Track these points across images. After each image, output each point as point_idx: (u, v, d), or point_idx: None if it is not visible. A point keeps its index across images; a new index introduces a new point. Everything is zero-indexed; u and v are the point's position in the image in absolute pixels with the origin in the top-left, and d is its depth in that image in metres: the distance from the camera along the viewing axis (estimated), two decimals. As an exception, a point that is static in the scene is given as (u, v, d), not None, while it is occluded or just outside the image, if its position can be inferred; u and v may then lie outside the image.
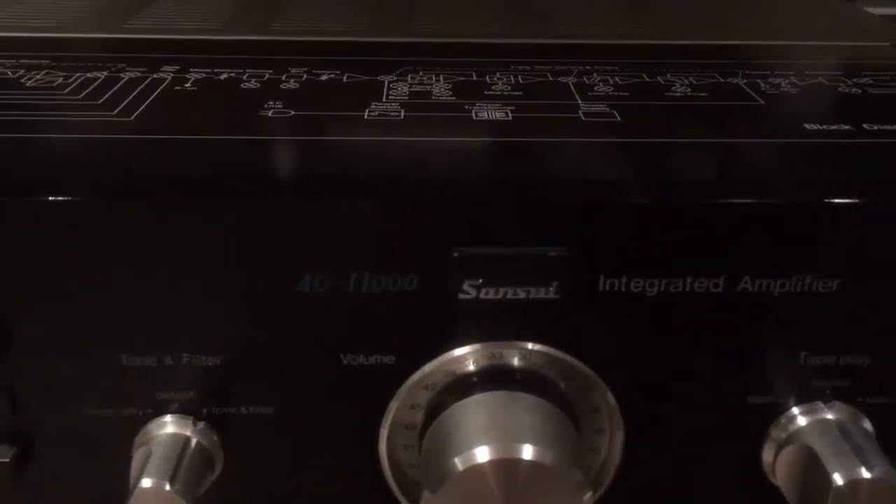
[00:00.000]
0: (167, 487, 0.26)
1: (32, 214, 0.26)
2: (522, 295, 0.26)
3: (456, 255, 0.26)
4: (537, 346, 0.27)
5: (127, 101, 0.34)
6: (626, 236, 0.26)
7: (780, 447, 0.28)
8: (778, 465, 0.28)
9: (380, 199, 0.26)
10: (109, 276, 0.26)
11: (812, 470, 0.27)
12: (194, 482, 0.27)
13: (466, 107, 0.34)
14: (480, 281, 0.26)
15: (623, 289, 0.26)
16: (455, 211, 0.26)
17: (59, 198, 0.26)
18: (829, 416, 0.28)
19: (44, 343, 0.27)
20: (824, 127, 0.32)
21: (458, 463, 0.25)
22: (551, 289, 0.26)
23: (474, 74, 0.39)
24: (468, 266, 0.26)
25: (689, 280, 0.26)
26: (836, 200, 0.26)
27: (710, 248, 0.26)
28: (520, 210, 0.26)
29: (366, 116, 0.33)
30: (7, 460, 0.28)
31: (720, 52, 0.43)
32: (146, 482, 0.26)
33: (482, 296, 0.26)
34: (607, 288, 0.26)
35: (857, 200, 0.26)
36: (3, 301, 0.26)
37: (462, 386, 0.28)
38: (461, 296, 0.26)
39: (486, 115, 0.33)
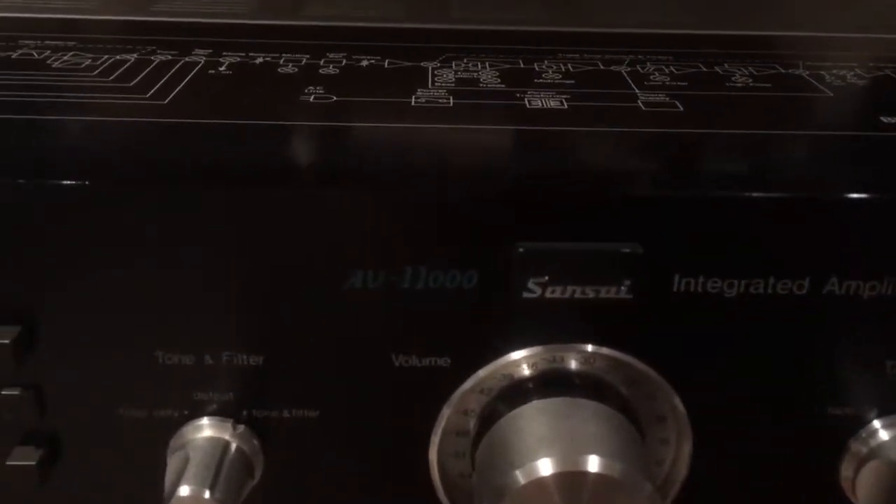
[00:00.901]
0: (206, 496, 0.24)
1: (62, 202, 0.24)
2: (591, 294, 0.24)
3: (521, 250, 0.24)
4: (602, 350, 0.26)
5: (160, 84, 0.32)
6: (703, 233, 0.24)
7: (861, 463, 0.26)
8: (859, 482, 0.26)
9: (439, 190, 0.24)
10: (144, 268, 0.24)
11: (897, 487, 0.25)
12: (234, 490, 0.25)
13: (518, 94, 0.32)
14: (546, 279, 0.24)
15: (699, 289, 0.24)
16: (520, 203, 0.24)
17: (92, 183, 0.24)
18: (915, 430, 0.26)
19: (74, 340, 0.25)
20: (902, 120, 0.30)
21: (520, 476, 0.23)
22: (623, 288, 0.24)
23: (521, 62, 0.37)
24: (533, 262, 0.24)
25: (771, 281, 0.24)
26: (933, 196, 0.24)
27: (794, 247, 0.24)
28: (590, 203, 0.24)
29: (413, 103, 0.31)
30: (33, 463, 0.26)
31: (776, 43, 0.41)
32: (184, 490, 0.24)
33: (548, 295, 0.24)
34: (682, 288, 0.24)
35: (953, 197, 0.24)
36: (30, 295, 0.25)
37: (519, 391, 0.26)
38: (525, 294, 0.24)
39: (540, 104, 0.31)
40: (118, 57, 0.36)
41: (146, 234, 0.24)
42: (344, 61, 0.36)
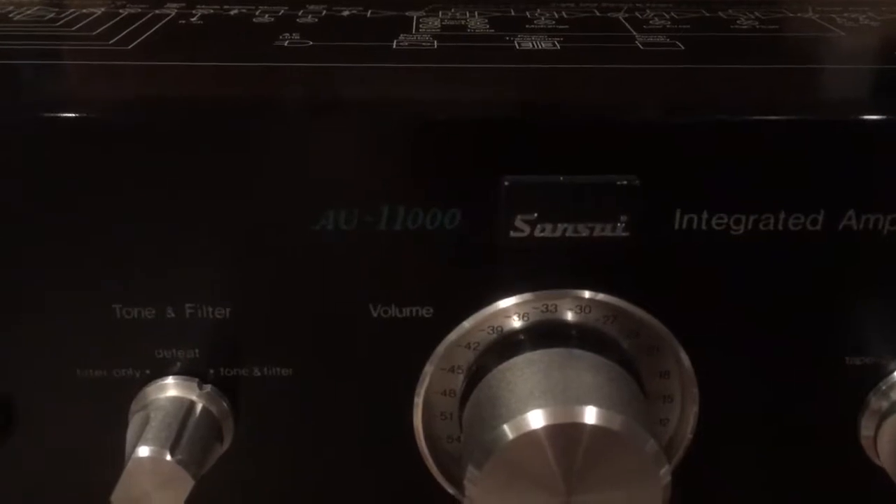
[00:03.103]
0: (167, 457, 0.22)
1: (7, 145, 0.22)
2: (585, 233, 0.22)
3: (507, 184, 0.22)
4: (598, 296, 0.23)
5: (125, 32, 0.30)
6: (706, 163, 0.22)
7: (882, 418, 0.24)
8: (880, 439, 0.24)
9: (414, 118, 0.22)
10: (100, 211, 0.22)
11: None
12: (199, 453, 0.23)
13: (508, 38, 0.30)
14: (535, 216, 0.22)
15: (703, 226, 0.22)
16: (505, 131, 0.22)
17: (43, 119, 0.22)
18: (942, 381, 0.24)
19: (22, 293, 0.23)
20: (920, 55, 0.28)
21: (508, 430, 0.21)
22: (620, 225, 0.22)
23: (513, 11, 0.35)
24: (521, 197, 0.22)
25: (781, 216, 0.22)
26: (960, 119, 0.22)
27: (807, 178, 0.22)
28: (582, 131, 0.22)
29: (394, 46, 0.29)
30: (-17, 429, 0.24)
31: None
32: (143, 451, 0.22)
33: (537, 233, 0.22)
34: (685, 225, 0.22)
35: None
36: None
37: (509, 344, 0.24)
38: (512, 233, 0.22)
39: (531, 45, 0.29)
40: (84, 10, 0.34)
41: (99, 178, 0.22)
42: (324, 12, 0.35)
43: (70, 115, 0.22)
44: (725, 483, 0.26)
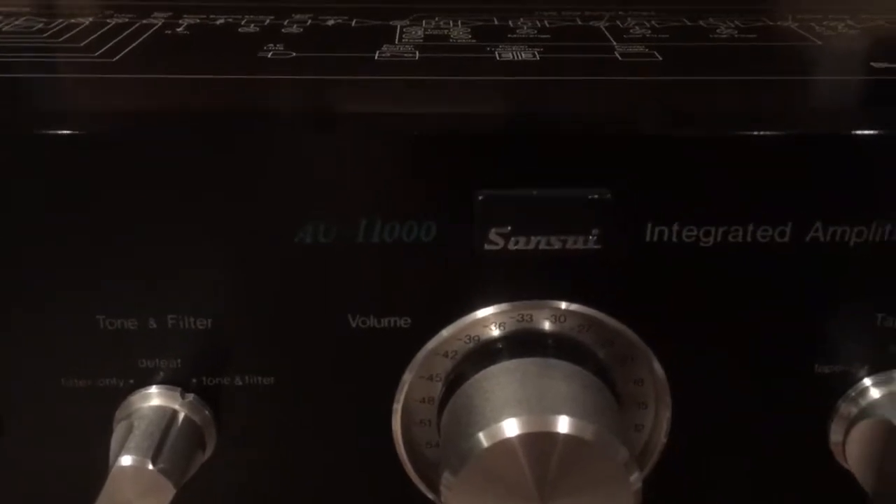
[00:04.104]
0: (149, 466, 0.22)
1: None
2: (557, 245, 0.23)
3: (481, 198, 0.22)
4: (573, 307, 0.24)
5: (111, 44, 0.31)
6: (676, 177, 0.22)
7: (851, 424, 0.25)
8: (849, 444, 0.25)
9: (391, 133, 0.23)
10: (82, 223, 0.23)
11: (891, 448, 0.23)
12: (181, 461, 0.23)
13: (489, 48, 0.31)
14: (509, 229, 0.23)
15: (674, 238, 0.23)
16: (478, 147, 0.22)
17: (26, 133, 0.22)
18: (909, 388, 0.24)
19: (8, 304, 0.24)
20: (893, 65, 0.28)
21: (483, 438, 0.22)
22: (591, 238, 0.23)
23: (495, 20, 0.36)
24: (494, 211, 0.22)
25: (750, 228, 0.23)
26: (924, 133, 0.22)
27: (775, 191, 0.22)
28: (553, 146, 0.22)
29: (376, 58, 0.29)
30: (-29, 438, 0.24)
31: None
32: (126, 459, 0.22)
33: (510, 246, 0.23)
34: (656, 237, 0.23)
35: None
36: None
37: (486, 353, 0.24)
38: (487, 246, 0.23)
39: (511, 56, 0.29)
40: (72, 20, 0.34)
41: (84, 191, 0.22)
42: (309, 21, 0.35)
43: (54, 132, 0.22)
44: (699, 484, 0.27)
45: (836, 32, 0.33)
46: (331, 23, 0.35)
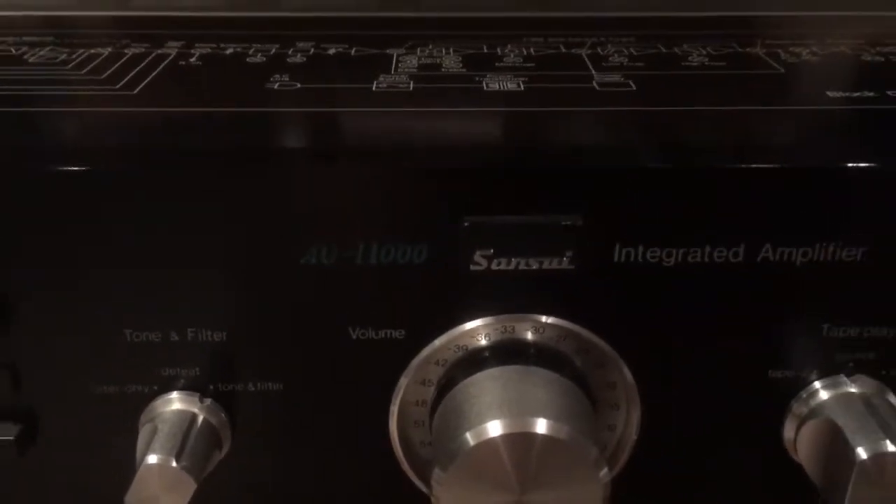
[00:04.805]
0: (173, 464, 0.25)
1: (33, 186, 0.25)
2: (535, 266, 0.25)
3: (466, 224, 0.25)
4: (551, 320, 0.27)
5: (130, 75, 0.33)
6: (641, 204, 0.25)
7: (801, 422, 0.27)
8: (800, 440, 0.27)
9: (387, 166, 0.25)
10: (112, 249, 0.25)
11: (835, 445, 0.26)
12: (201, 460, 0.26)
13: (477, 78, 0.33)
14: (492, 251, 0.25)
15: (639, 259, 0.25)
16: (464, 178, 0.25)
17: (61, 168, 0.25)
18: (853, 390, 0.27)
19: (46, 319, 0.26)
20: (847, 94, 0.31)
21: (470, 438, 0.24)
22: (565, 259, 0.25)
23: (485, 47, 0.38)
24: (479, 236, 0.25)
25: (707, 249, 0.25)
26: (860, 165, 0.25)
27: (729, 216, 0.25)
28: (531, 177, 0.25)
29: (374, 88, 0.32)
30: (11, 438, 0.27)
31: (738, 23, 0.42)
32: (152, 458, 0.25)
33: (493, 267, 0.25)
34: (623, 258, 0.26)
35: (881, 165, 0.25)
36: (4, 276, 0.26)
37: (474, 361, 0.27)
38: (472, 267, 0.25)
39: (498, 86, 0.32)
40: (93, 51, 0.37)
41: (114, 217, 0.25)
42: (312, 50, 0.38)
43: (77, 167, 0.25)
44: (667, 477, 0.29)
45: (798, 60, 0.36)
46: (332, 51, 0.37)
